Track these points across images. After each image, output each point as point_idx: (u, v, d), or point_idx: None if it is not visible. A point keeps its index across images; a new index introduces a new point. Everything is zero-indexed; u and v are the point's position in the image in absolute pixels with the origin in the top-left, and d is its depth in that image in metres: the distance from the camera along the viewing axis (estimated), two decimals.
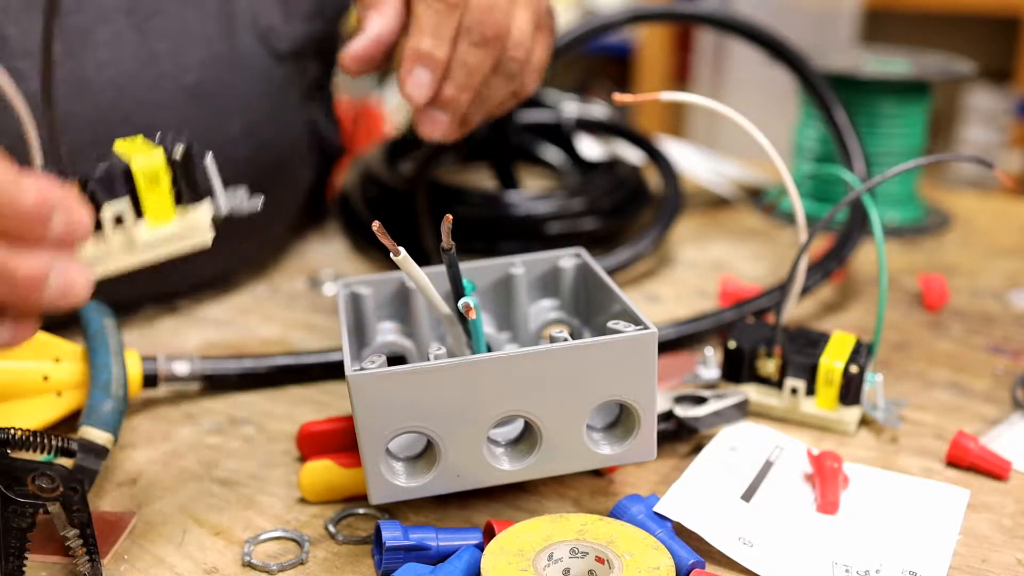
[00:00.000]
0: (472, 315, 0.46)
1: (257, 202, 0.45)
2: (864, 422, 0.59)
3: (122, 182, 0.41)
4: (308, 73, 0.79)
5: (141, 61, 0.64)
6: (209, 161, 0.44)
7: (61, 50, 0.62)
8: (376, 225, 0.43)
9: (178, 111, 0.67)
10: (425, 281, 0.47)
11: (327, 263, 0.84)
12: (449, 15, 0.56)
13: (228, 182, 0.74)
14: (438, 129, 0.59)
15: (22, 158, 0.39)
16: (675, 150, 1.03)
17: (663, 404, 0.55)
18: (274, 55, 0.73)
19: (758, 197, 1.01)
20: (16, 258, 0.36)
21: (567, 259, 0.57)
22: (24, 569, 0.43)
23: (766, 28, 0.87)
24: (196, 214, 0.44)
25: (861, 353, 0.58)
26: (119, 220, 0.42)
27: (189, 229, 0.44)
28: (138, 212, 0.42)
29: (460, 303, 0.47)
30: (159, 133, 0.44)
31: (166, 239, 0.43)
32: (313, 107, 0.81)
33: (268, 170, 0.74)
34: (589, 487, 0.53)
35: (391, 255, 0.45)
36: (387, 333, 0.57)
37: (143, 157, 0.41)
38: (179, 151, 0.43)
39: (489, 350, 0.52)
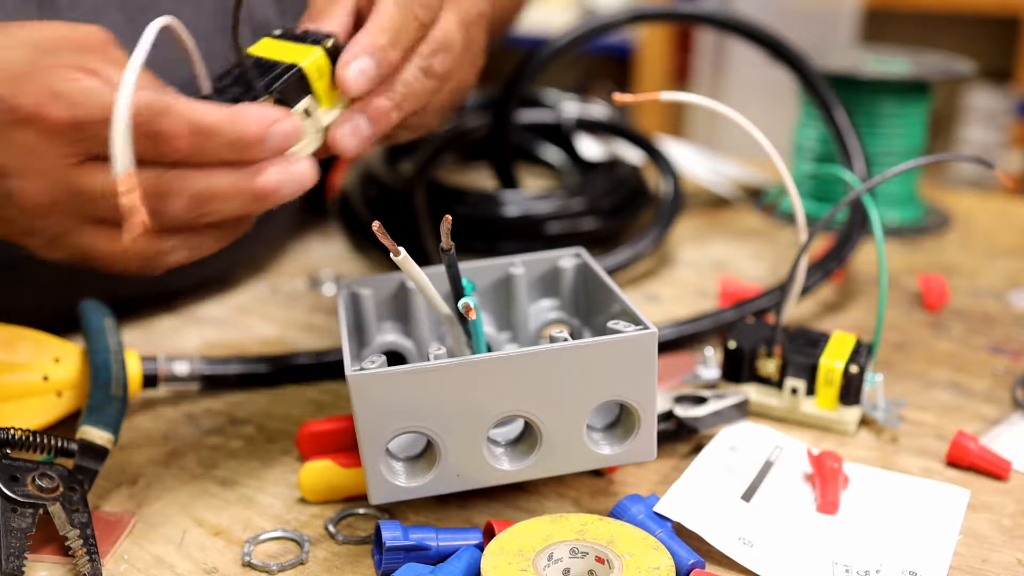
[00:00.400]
0: (472, 315, 0.46)
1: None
2: (864, 422, 0.59)
3: (301, 84, 0.49)
4: None
5: None
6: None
7: None
8: (376, 225, 0.43)
9: None
10: (425, 281, 0.47)
11: (327, 263, 0.84)
12: (414, 29, 0.53)
13: None
14: (355, 141, 0.52)
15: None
16: (675, 150, 1.03)
17: (663, 404, 0.55)
18: None
19: (758, 197, 1.01)
20: (247, 178, 0.46)
21: (567, 259, 0.57)
22: (24, 569, 0.43)
23: (766, 28, 0.87)
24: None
25: (861, 353, 0.58)
26: (307, 112, 0.50)
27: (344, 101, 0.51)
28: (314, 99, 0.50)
29: (460, 303, 0.47)
30: (282, 30, 0.51)
31: (337, 115, 0.51)
32: None
33: None
34: (589, 487, 0.53)
35: (391, 255, 0.45)
36: (387, 333, 0.57)
37: (308, 58, 0.49)
38: (329, 43, 0.50)
39: (489, 350, 0.52)
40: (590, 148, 0.97)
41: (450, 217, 0.44)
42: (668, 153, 0.90)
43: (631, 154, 0.95)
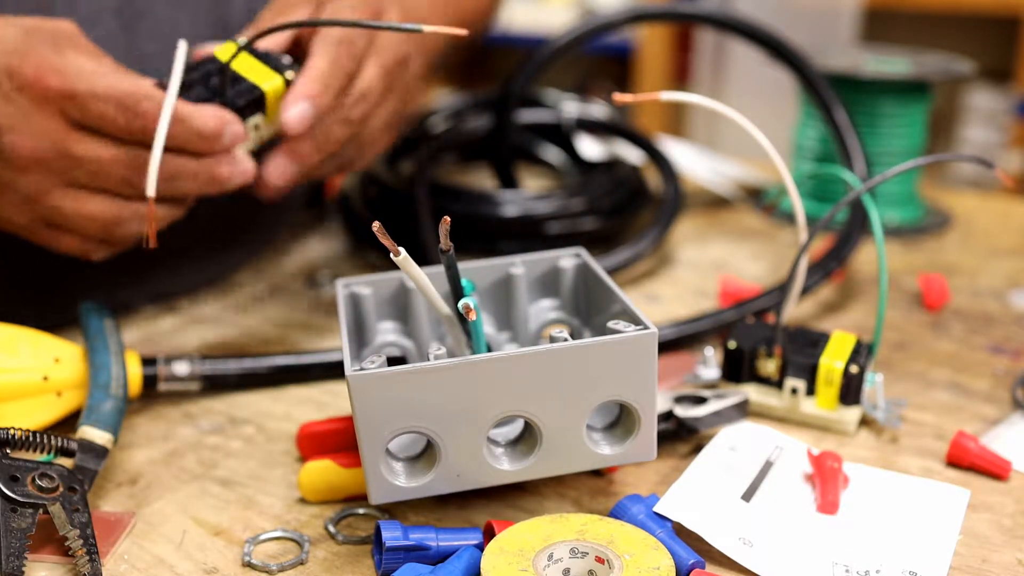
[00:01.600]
0: (472, 316, 0.46)
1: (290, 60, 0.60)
2: (864, 422, 0.59)
3: (258, 103, 0.58)
4: None
5: (130, 62, 0.64)
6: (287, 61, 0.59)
7: None
8: (376, 225, 0.43)
9: None
10: (425, 281, 0.47)
11: (327, 263, 0.84)
12: (343, 78, 0.59)
13: (224, 196, 0.74)
14: (281, 179, 0.60)
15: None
16: (675, 150, 1.03)
17: (663, 404, 0.55)
18: None
19: (758, 197, 1.01)
20: (207, 164, 0.56)
21: (567, 259, 0.57)
22: (24, 569, 0.43)
23: (767, 28, 0.87)
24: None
25: (861, 353, 0.58)
26: (256, 126, 0.59)
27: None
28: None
29: (460, 304, 0.47)
30: (247, 40, 0.57)
31: (276, 128, 0.60)
32: None
33: None
34: (589, 487, 0.53)
35: (391, 255, 0.45)
36: (387, 333, 0.57)
37: (270, 83, 0.58)
38: (290, 75, 0.58)
39: (489, 350, 0.52)
40: (590, 148, 0.97)
41: (448, 218, 0.44)
42: (668, 153, 0.90)
43: (631, 154, 0.95)
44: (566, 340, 0.46)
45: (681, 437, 0.56)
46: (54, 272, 0.67)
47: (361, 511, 0.50)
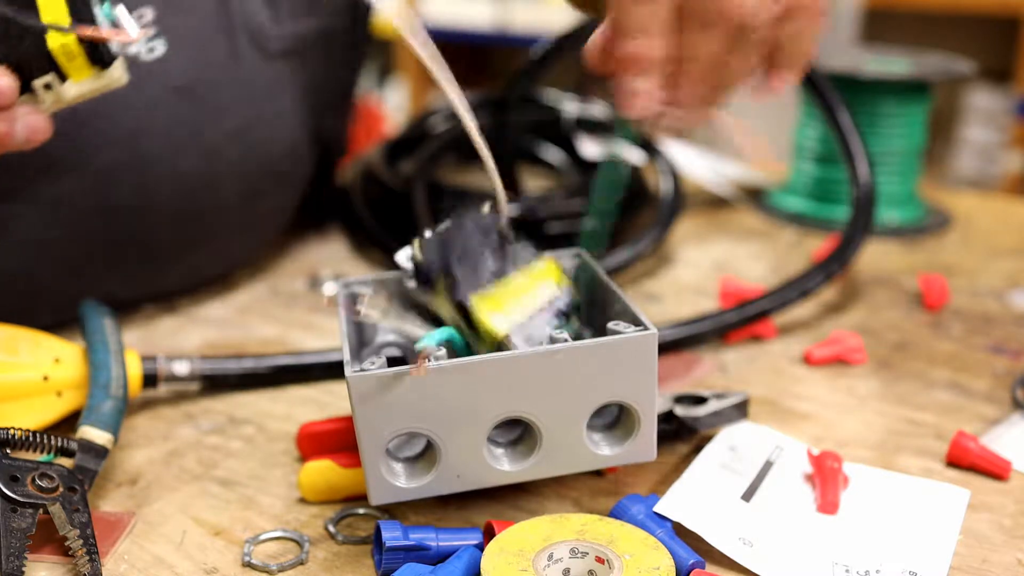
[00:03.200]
0: (420, 372, 0.45)
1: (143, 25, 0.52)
2: (864, 422, 0.59)
3: (47, 60, 0.50)
4: (306, 72, 0.78)
5: (128, 63, 0.65)
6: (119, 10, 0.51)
7: None
8: (327, 300, 0.43)
9: (166, 111, 0.67)
10: (398, 324, 0.48)
11: (327, 263, 0.84)
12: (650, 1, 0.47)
13: (220, 181, 0.73)
14: (677, 127, 0.51)
15: None
16: (675, 150, 1.03)
17: (663, 404, 0.55)
18: (264, 54, 0.73)
19: (758, 197, 1.01)
20: None
21: (567, 259, 0.57)
22: (24, 569, 0.43)
23: None
24: (111, 70, 0.51)
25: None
26: (48, 86, 0.51)
27: (106, 78, 0.52)
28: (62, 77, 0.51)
29: (416, 346, 0.47)
30: None
31: (89, 88, 0.52)
32: (315, 107, 0.80)
33: (261, 170, 0.74)
34: (589, 487, 0.53)
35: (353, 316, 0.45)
36: (387, 333, 0.57)
37: (57, 37, 0.49)
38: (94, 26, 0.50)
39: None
40: (590, 148, 0.97)
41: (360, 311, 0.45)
42: (668, 153, 0.90)
43: (631, 154, 0.95)
44: (566, 341, 0.46)
45: (681, 437, 0.56)
46: (55, 272, 0.67)
47: (361, 511, 0.50)
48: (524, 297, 0.48)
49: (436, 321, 0.51)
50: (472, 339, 0.51)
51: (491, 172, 0.48)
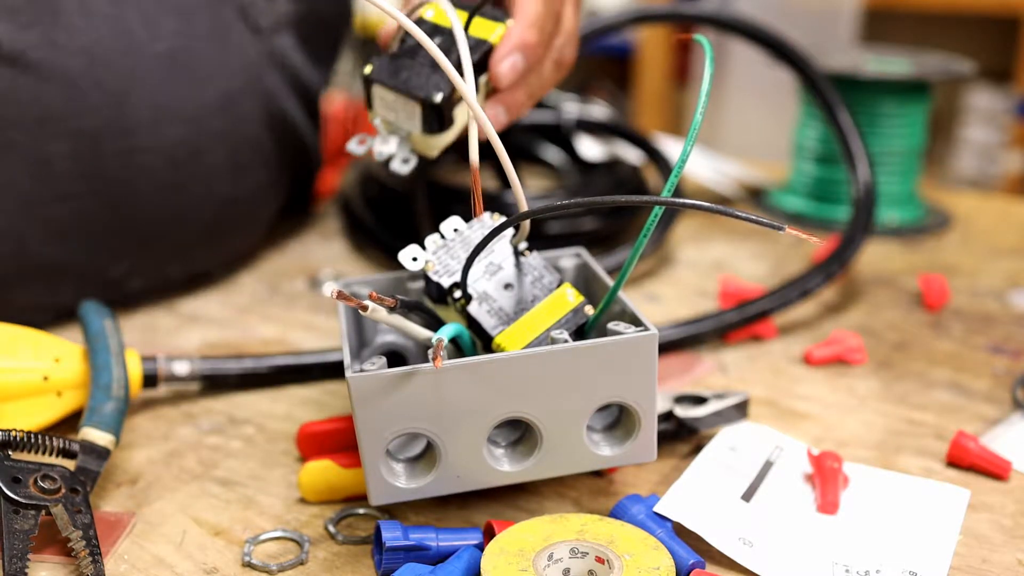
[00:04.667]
0: (437, 364, 0.45)
1: None
2: (864, 422, 0.59)
3: (486, 57, 0.56)
4: (289, 55, 0.78)
5: (113, 28, 0.65)
6: None
7: (32, 18, 0.62)
8: (335, 291, 0.43)
9: (151, 78, 0.67)
10: (401, 322, 0.48)
11: (327, 263, 0.84)
12: (553, 22, 0.58)
13: (207, 154, 0.74)
14: (497, 126, 0.58)
15: None
16: (675, 150, 1.03)
17: (663, 404, 0.55)
18: (253, 29, 0.73)
19: (758, 197, 1.02)
20: None
21: (567, 259, 0.57)
22: (27, 570, 0.43)
23: (769, 29, 0.87)
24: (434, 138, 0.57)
25: None
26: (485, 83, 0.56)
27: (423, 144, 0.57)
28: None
29: (434, 338, 0.47)
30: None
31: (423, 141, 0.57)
32: (291, 94, 0.80)
33: (246, 145, 0.74)
34: (589, 487, 0.53)
35: (359, 311, 0.45)
36: (387, 333, 0.57)
37: (496, 35, 0.55)
38: (510, 22, 0.56)
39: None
40: (590, 148, 0.97)
41: (368, 306, 0.44)
42: (668, 153, 0.90)
43: (631, 154, 0.95)
44: (566, 341, 0.46)
45: (681, 437, 0.56)
46: (55, 272, 0.67)
47: (361, 511, 0.50)
48: (543, 329, 0.49)
49: (438, 321, 0.51)
50: (480, 348, 0.51)
51: (510, 175, 0.48)
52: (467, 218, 0.55)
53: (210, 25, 0.70)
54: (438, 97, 0.54)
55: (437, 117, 0.55)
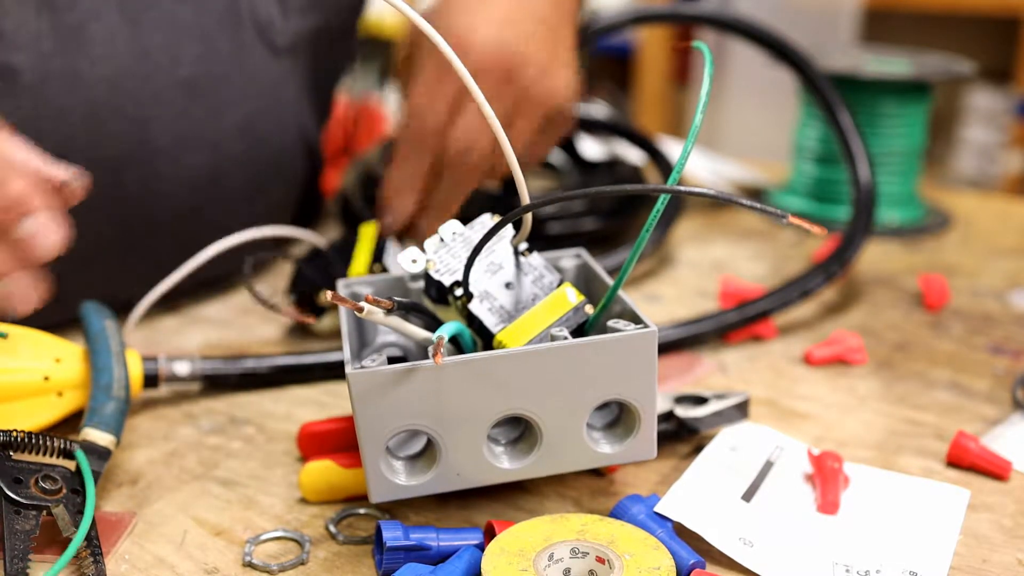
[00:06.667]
0: (438, 360, 0.45)
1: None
2: (864, 422, 0.59)
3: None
4: (304, 71, 0.78)
5: (135, 55, 0.65)
6: None
7: (54, 46, 0.62)
8: (331, 295, 0.43)
9: (173, 105, 0.67)
10: (399, 323, 0.48)
11: None
12: (423, 155, 0.61)
13: (224, 176, 0.75)
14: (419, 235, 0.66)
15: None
16: (675, 150, 1.03)
17: (663, 404, 0.55)
18: (271, 49, 0.73)
19: (758, 197, 1.02)
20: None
21: (567, 259, 0.57)
22: (28, 571, 0.43)
23: (769, 29, 0.87)
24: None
25: None
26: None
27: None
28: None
29: (435, 335, 0.47)
30: None
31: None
32: (305, 110, 0.80)
33: (265, 165, 0.74)
34: (589, 487, 0.53)
35: (355, 313, 0.45)
36: (387, 332, 0.57)
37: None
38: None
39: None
40: (590, 148, 0.97)
41: (363, 307, 0.45)
42: (668, 153, 0.90)
43: (631, 154, 0.95)
44: (566, 339, 0.46)
45: (681, 437, 0.56)
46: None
47: (362, 511, 0.50)
48: (543, 327, 0.49)
49: (436, 322, 0.51)
50: (480, 347, 0.51)
51: (518, 178, 0.48)
52: (466, 219, 0.55)
53: (230, 48, 0.70)
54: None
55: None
